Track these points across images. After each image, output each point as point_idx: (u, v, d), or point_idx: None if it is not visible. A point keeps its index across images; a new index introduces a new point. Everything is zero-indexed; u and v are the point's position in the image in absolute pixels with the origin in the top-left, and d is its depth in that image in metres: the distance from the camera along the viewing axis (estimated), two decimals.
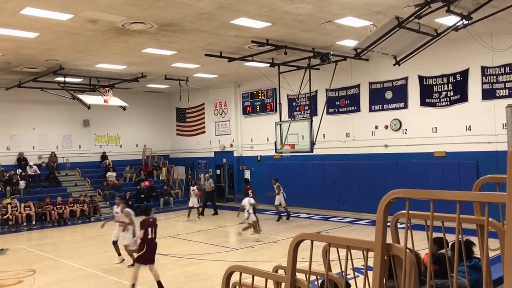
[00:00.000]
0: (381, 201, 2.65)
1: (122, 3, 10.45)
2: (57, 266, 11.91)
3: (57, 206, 19.28)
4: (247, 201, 14.63)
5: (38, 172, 21.58)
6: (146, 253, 9.10)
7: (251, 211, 14.29)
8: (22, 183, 20.40)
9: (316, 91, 19.56)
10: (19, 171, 21.02)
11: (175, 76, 20.27)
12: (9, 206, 18.20)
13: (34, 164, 21.66)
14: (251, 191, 16.64)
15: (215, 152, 24.91)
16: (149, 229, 9.23)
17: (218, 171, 24.71)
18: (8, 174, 20.34)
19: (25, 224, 18.41)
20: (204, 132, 25.65)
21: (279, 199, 18.04)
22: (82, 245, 15.06)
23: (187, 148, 26.39)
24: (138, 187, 22.95)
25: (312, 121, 16.61)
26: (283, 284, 3.33)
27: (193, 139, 26.17)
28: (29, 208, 18.63)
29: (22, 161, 21.61)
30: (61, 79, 18.58)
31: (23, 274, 10.78)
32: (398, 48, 12.11)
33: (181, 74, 20.08)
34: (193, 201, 19.62)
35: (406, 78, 17.19)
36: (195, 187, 19.90)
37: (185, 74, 20.13)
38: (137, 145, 25.85)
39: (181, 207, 22.60)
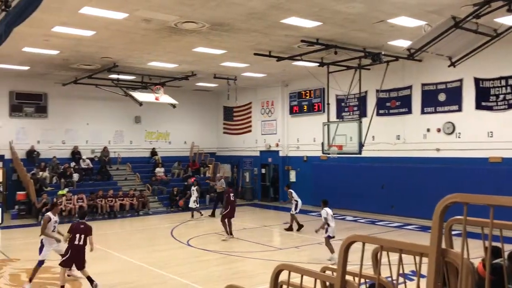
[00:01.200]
0: (438, 205, 2.55)
1: (175, 3, 10.66)
2: (106, 257, 12.30)
3: (108, 199, 19.94)
4: (327, 212, 11.81)
5: (91, 165, 22.41)
6: (69, 258, 8.96)
7: (332, 224, 11.78)
8: (76, 176, 21.24)
9: (366, 92, 19.21)
10: (73, 164, 21.90)
11: (224, 75, 20.48)
12: (63, 198, 18.98)
13: (87, 158, 22.52)
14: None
15: (260, 151, 24.98)
16: (77, 235, 9.00)
17: (263, 170, 24.77)
18: (62, 167, 21.24)
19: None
20: (250, 131, 25.78)
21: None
22: (131, 238, 15.50)
23: (233, 146, 26.63)
24: (186, 183, 23.35)
25: (361, 122, 16.30)
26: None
27: (240, 138, 26.37)
28: (81, 200, 19.36)
29: (76, 155, 22.50)
30: (114, 76, 19.23)
31: None
32: (454, 48, 11.68)
33: (229, 73, 20.27)
34: (192, 201, 19.16)
35: (461, 80, 16.57)
36: (195, 188, 19.57)
37: (234, 73, 20.31)
38: (185, 142, 26.33)
39: None
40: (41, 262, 9.26)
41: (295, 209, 15.93)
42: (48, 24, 12.26)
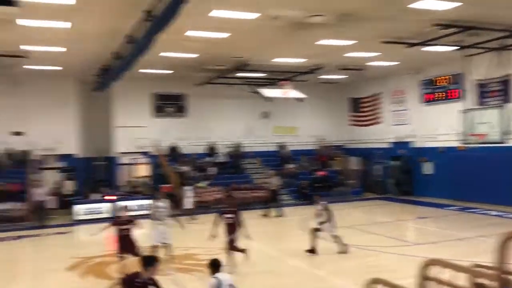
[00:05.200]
0: None
1: None
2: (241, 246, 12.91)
3: (242, 192, 20.94)
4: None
5: (225, 160, 23.72)
6: None
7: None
8: (213, 170, 22.67)
9: (508, 75, 17.43)
10: (209, 159, 23.41)
11: (351, 65, 20.14)
12: (202, 190, 20.39)
13: (222, 153, 23.89)
14: None
15: (391, 143, 24.10)
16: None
17: (394, 162, 23.85)
18: (201, 162, 22.83)
19: (214, 206, 20.36)
20: (380, 122, 25.00)
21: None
22: (263, 229, 16.04)
23: (362, 138, 26.06)
24: (314, 176, 23.53)
25: (504, 108, 14.86)
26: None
27: (369, 129, 25.71)
28: (218, 193, 20.61)
29: (212, 150, 23.99)
30: (243, 74, 20.05)
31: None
32: None
33: (356, 64, 19.88)
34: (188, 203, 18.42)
35: None
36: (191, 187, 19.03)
37: (361, 63, 19.86)
38: (312, 136, 26.46)
39: (356, 198, 22.54)
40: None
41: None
42: (182, 29, 13.17)
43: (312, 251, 11.59)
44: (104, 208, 19.20)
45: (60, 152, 21.68)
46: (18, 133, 20.85)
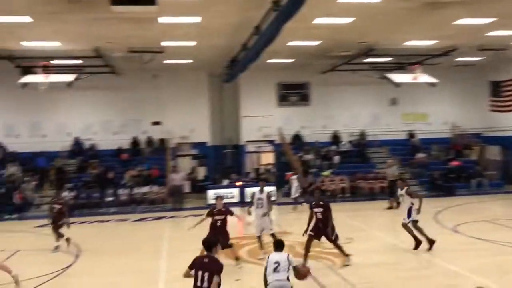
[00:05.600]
0: None
1: None
2: (369, 237, 12.61)
3: (368, 181, 20.39)
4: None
5: (350, 148, 23.27)
6: None
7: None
8: (337, 159, 22.42)
9: None
10: (333, 147, 23.16)
11: (491, 46, 18.32)
12: (326, 179, 20.29)
13: (347, 141, 23.47)
14: None
15: None
16: None
17: None
18: (324, 150, 22.70)
19: (339, 195, 20.18)
20: None
21: None
22: (390, 219, 15.48)
23: (503, 125, 23.58)
24: (447, 166, 22.01)
25: None
26: None
27: (511, 116, 23.19)
28: (343, 182, 20.33)
29: (336, 138, 23.70)
30: (370, 60, 19.38)
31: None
32: None
33: (498, 44, 18.02)
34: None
35: None
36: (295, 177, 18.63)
37: (503, 43, 17.96)
38: (445, 123, 24.67)
39: (496, 191, 20.61)
40: None
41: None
42: (308, 17, 13.09)
43: (431, 242, 10.80)
44: (234, 193, 20.16)
45: (193, 140, 23.20)
46: (156, 123, 22.73)
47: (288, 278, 6.29)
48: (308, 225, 9.81)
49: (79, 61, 18.36)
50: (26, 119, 21.86)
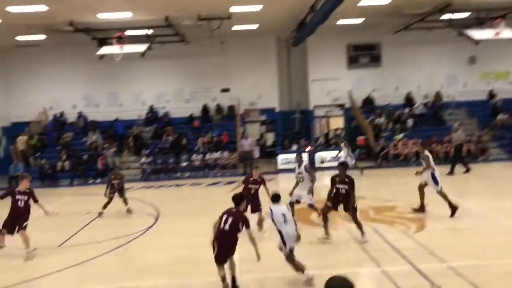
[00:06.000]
0: None
1: None
2: (443, 202, 12.17)
3: (443, 145, 19.55)
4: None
5: (424, 111, 22.30)
6: None
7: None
8: (410, 122, 21.62)
9: None
10: (406, 110, 22.31)
11: None
12: (399, 143, 19.70)
13: (421, 103, 22.48)
14: None
15: None
16: None
17: None
18: (397, 113, 21.93)
19: (413, 160, 19.51)
20: None
21: None
22: (469, 185, 14.81)
23: None
24: None
25: None
26: None
27: None
28: (416, 145, 19.61)
29: (409, 101, 22.79)
30: (447, 16, 18.23)
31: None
32: None
33: None
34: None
35: None
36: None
37: None
38: None
39: None
40: None
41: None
42: None
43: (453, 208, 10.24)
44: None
45: (262, 106, 23.30)
46: (225, 90, 23.03)
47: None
48: (328, 200, 9.17)
49: (150, 31, 18.86)
50: (104, 89, 23.05)
